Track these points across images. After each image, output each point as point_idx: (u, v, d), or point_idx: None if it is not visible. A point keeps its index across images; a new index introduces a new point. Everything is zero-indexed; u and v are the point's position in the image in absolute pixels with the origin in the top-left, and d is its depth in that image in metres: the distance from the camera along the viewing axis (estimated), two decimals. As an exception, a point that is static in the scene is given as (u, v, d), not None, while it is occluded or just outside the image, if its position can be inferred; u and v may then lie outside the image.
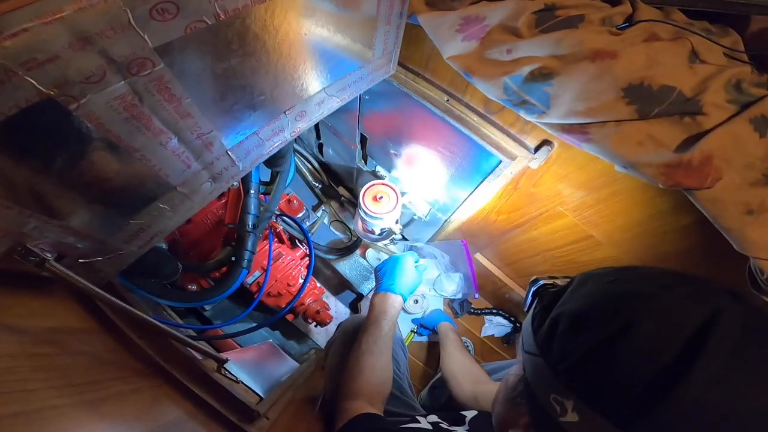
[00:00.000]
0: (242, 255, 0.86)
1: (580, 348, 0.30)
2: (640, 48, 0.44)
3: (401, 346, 0.97)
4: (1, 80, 0.25)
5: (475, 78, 0.52)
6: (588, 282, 0.35)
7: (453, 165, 0.84)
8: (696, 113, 0.44)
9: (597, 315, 0.31)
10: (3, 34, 0.23)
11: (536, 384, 0.34)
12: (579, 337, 0.31)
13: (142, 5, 0.28)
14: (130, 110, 0.34)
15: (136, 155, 0.39)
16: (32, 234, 0.38)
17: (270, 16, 0.39)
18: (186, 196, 0.49)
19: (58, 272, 0.42)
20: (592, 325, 0.31)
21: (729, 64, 0.47)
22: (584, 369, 0.30)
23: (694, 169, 0.44)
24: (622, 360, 0.29)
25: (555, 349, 0.33)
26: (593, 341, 0.30)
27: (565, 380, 0.31)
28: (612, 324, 0.30)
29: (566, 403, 0.31)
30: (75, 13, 0.25)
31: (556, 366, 0.32)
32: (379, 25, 0.54)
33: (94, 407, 0.44)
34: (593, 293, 0.33)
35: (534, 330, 0.37)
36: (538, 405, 0.34)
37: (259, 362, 0.89)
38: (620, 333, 0.29)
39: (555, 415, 0.31)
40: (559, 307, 0.35)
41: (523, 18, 0.46)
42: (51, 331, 0.50)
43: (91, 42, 0.27)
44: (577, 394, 0.30)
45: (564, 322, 0.33)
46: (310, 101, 0.57)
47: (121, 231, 0.47)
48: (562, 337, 0.33)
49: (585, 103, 0.46)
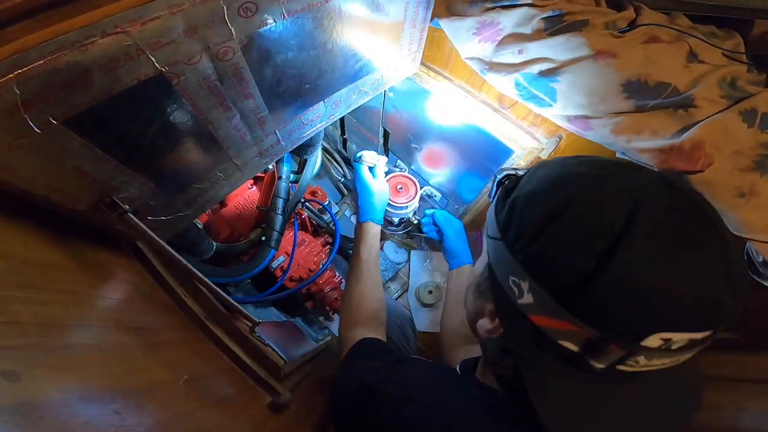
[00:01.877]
0: (271, 235, 0.94)
1: (531, 226, 0.32)
2: (639, 49, 0.50)
3: (411, 325, 1.02)
4: (131, 57, 0.33)
5: (490, 76, 0.59)
6: (543, 167, 0.36)
7: (469, 157, 0.91)
8: (689, 106, 0.49)
9: (544, 193, 0.33)
10: (143, 18, 0.31)
11: (497, 267, 0.36)
12: (531, 215, 0.33)
13: (235, 3, 0.36)
14: (211, 89, 0.42)
15: (208, 127, 0.47)
16: (119, 187, 0.46)
17: (321, 18, 0.47)
18: (238, 167, 0.57)
19: (133, 224, 0.49)
20: (540, 202, 0.33)
21: (727, 64, 0.51)
22: (533, 247, 0.32)
23: (685, 153, 0.48)
24: (561, 236, 0.30)
25: (512, 230, 0.34)
26: (540, 217, 0.32)
27: (521, 259, 0.32)
28: (555, 201, 0.32)
29: (522, 284, 0.32)
30: (191, 7, 0.33)
31: (513, 247, 0.33)
32: (405, 28, 0.62)
33: (151, 348, 0.52)
34: (545, 176, 0.35)
35: (496, 215, 0.38)
36: (500, 289, 0.35)
37: (282, 335, 0.96)
38: (561, 209, 0.31)
39: (514, 297, 0.33)
40: (518, 190, 0.36)
41: (534, 23, 0.53)
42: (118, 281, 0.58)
43: (197, 31, 0.36)
44: (530, 274, 0.32)
45: (520, 203, 0.35)
46: (344, 93, 0.65)
47: (184, 193, 0.55)
48: (518, 217, 0.34)
49: (588, 98, 0.53)
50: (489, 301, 0.40)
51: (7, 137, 0.31)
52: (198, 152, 0.50)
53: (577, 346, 0.30)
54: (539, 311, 0.31)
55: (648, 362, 0.30)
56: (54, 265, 0.46)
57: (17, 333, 0.35)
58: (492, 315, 0.40)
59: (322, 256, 1.18)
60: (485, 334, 0.40)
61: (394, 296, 1.31)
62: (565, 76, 0.53)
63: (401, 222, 1.15)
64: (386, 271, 1.33)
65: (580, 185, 0.32)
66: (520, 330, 0.34)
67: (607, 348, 0.29)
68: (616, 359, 0.30)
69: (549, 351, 0.32)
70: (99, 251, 0.57)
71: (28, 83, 0.28)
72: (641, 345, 0.29)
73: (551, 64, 0.53)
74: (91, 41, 0.29)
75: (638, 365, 0.30)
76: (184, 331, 0.63)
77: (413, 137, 0.99)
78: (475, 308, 0.44)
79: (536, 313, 0.32)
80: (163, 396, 0.45)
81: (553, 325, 0.31)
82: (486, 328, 0.40)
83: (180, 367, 0.53)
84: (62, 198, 0.43)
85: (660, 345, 0.28)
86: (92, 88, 0.32)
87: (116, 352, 0.46)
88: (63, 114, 0.33)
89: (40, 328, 0.38)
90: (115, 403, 0.39)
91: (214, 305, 0.66)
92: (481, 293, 0.42)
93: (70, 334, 0.42)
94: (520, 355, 0.35)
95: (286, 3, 0.40)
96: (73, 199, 0.44)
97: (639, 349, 0.29)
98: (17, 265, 0.40)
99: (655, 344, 0.28)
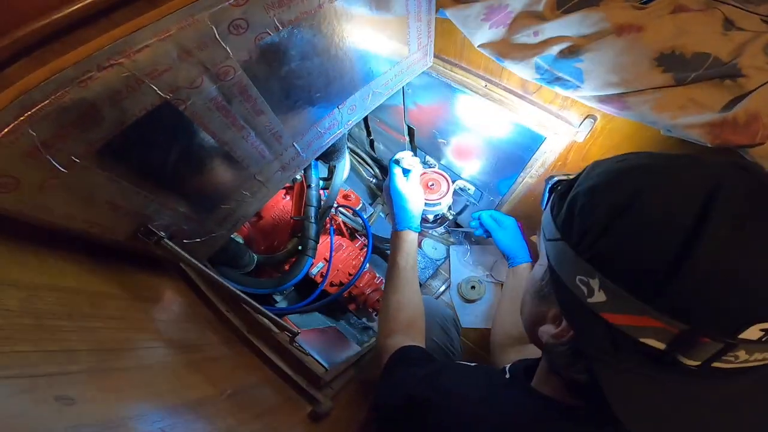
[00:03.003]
0: (307, 244, 0.96)
1: (597, 221, 0.31)
2: (667, 20, 0.45)
3: (454, 324, 1.00)
4: (133, 88, 0.35)
5: (507, 62, 0.56)
6: (599, 165, 0.36)
7: (499, 147, 0.87)
8: (736, 76, 0.44)
9: (609, 187, 0.32)
10: (133, 48, 0.32)
11: (561, 269, 0.35)
12: (595, 211, 0.32)
13: (222, 22, 0.36)
14: (221, 110, 0.43)
15: (225, 148, 0.48)
16: (152, 216, 0.49)
17: (318, 24, 0.47)
18: (262, 183, 0.58)
19: (170, 249, 0.52)
20: (605, 197, 0.31)
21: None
22: (602, 243, 0.31)
23: (741, 127, 0.43)
24: (634, 228, 0.29)
25: (575, 228, 0.33)
26: (606, 212, 0.31)
27: (588, 258, 0.31)
28: (622, 193, 0.30)
29: (592, 282, 0.31)
30: (179, 31, 0.34)
31: (577, 246, 0.32)
32: (410, 22, 0.60)
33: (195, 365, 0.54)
34: (604, 171, 0.34)
35: (553, 217, 0.37)
36: (565, 290, 0.34)
37: (324, 342, 0.97)
38: (630, 202, 0.29)
39: (583, 297, 0.32)
40: (575, 188, 0.35)
41: (545, 1, 0.49)
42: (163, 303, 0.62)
43: (192, 54, 0.36)
44: (600, 271, 0.30)
45: (580, 200, 0.34)
46: (358, 96, 0.64)
47: (214, 214, 0.57)
48: (579, 214, 0.33)
49: (619, 75, 0.48)
50: (552, 305, 0.38)
51: (37, 179, 0.34)
52: (220, 173, 0.52)
53: (663, 343, 0.28)
54: (614, 309, 0.30)
55: (749, 357, 0.27)
56: (102, 293, 0.50)
57: (70, 360, 0.38)
58: (556, 319, 0.38)
59: (360, 259, 1.18)
60: (551, 339, 0.38)
61: (437, 293, 1.28)
62: (588, 55, 0.49)
63: (436, 219, 1.13)
64: (426, 269, 1.31)
65: (648, 175, 0.31)
66: (593, 331, 0.32)
67: (700, 343, 0.27)
68: (712, 354, 0.28)
69: (628, 350, 0.30)
70: (144, 276, 0.61)
71: (40, 124, 0.30)
72: (740, 338, 0.26)
73: (571, 43, 0.49)
74: (89, 76, 0.31)
75: (737, 361, 0.28)
76: (226, 345, 0.65)
77: (438, 132, 0.96)
78: (536, 314, 0.42)
79: (611, 311, 0.30)
80: (207, 411, 0.47)
81: (633, 322, 0.29)
82: (551, 333, 0.38)
83: (223, 381, 0.55)
84: (101, 231, 0.46)
85: (761, 336, 0.26)
86: (104, 122, 0.34)
87: (163, 372, 0.49)
88: (84, 151, 0.35)
89: (91, 353, 0.41)
90: (162, 421, 0.40)
91: (254, 318, 0.68)
92: (542, 298, 0.40)
93: (119, 358, 0.44)
94: (594, 357, 0.33)
95: (278, 14, 0.40)
96: (112, 231, 0.47)
97: (738, 342, 0.27)
98: (67, 296, 0.43)
99: (756, 336, 0.26)
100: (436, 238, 1.33)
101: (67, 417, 0.32)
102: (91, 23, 0.33)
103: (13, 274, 0.38)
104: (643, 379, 0.31)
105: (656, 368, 0.30)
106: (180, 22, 0.34)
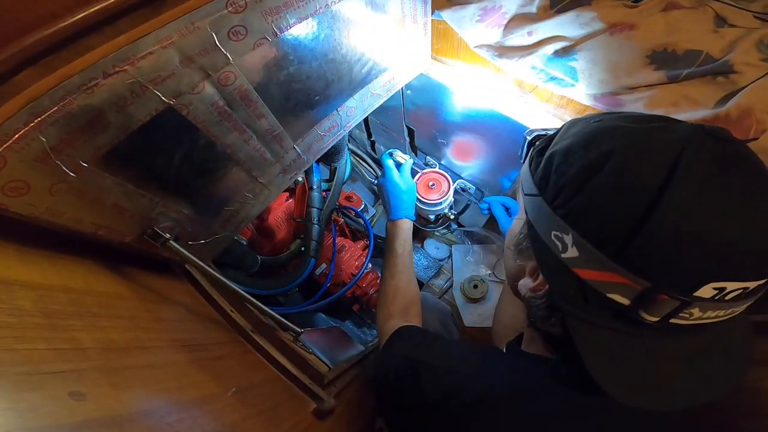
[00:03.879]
0: (309, 245, 0.97)
1: (572, 179, 0.32)
2: (658, 17, 0.46)
3: (453, 320, 1.01)
4: (138, 94, 0.36)
5: (502, 62, 0.57)
6: (576, 123, 0.36)
7: (498, 146, 0.87)
8: (728, 72, 0.44)
9: (584, 147, 0.33)
10: (137, 55, 0.33)
11: (538, 223, 0.36)
12: (570, 169, 0.33)
13: (222, 29, 0.38)
14: (222, 114, 0.45)
15: (228, 151, 0.49)
16: (158, 218, 0.50)
17: (315, 28, 0.48)
18: (264, 185, 0.60)
19: (176, 250, 0.53)
20: (581, 157, 0.32)
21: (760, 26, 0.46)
22: (576, 200, 0.32)
23: (733, 122, 0.44)
24: (604, 188, 0.30)
25: (551, 185, 0.34)
26: (580, 171, 0.32)
27: (562, 214, 0.33)
28: (595, 153, 0.31)
29: (565, 238, 0.32)
30: (180, 38, 0.35)
31: (553, 202, 0.34)
32: (406, 24, 0.61)
33: (202, 363, 0.55)
34: (581, 131, 0.34)
35: (531, 172, 0.38)
36: (542, 245, 0.35)
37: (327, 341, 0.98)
38: (602, 161, 0.31)
39: (557, 252, 0.33)
40: (552, 146, 0.36)
41: (538, 2, 0.50)
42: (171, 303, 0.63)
43: (194, 61, 0.38)
44: (573, 227, 0.32)
45: (557, 159, 0.34)
46: (357, 98, 0.65)
47: (217, 216, 0.58)
48: (556, 172, 0.34)
49: (612, 73, 0.49)
50: (530, 259, 0.39)
51: (47, 183, 0.35)
52: (223, 176, 0.53)
53: (628, 298, 0.30)
54: (585, 264, 0.31)
55: (702, 314, 0.29)
56: (111, 294, 0.51)
57: (81, 357, 0.39)
58: (534, 272, 0.39)
59: (362, 259, 1.19)
60: (529, 293, 0.40)
61: (440, 292, 1.29)
62: (582, 54, 0.50)
63: (438, 218, 1.14)
64: (429, 269, 1.31)
65: (620, 138, 0.31)
66: (566, 285, 0.33)
67: (659, 299, 0.29)
68: (669, 311, 0.29)
69: (597, 305, 0.32)
70: (151, 277, 0.62)
71: (50, 130, 0.32)
72: (694, 296, 0.28)
73: (565, 42, 0.50)
74: (95, 83, 0.32)
75: (692, 317, 0.30)
76: (232, 344, 0.66)
77: (438, 132, 0.97)
78: (515, 268, 0.43)
79: (582, 267, 0.31)
80: (212, 408, 0.48)
81: (601, 278, 0.30)
82: (529, 286, 0.40)
83: (229, 379, 0.56)
84: (109, 233, 0.47)
85: (714, 295, 0.28)
86: (110, 128, 0.35)
87: (171, 369, 0.50)
88: (91, 156, 0.36)
89: (101, 351, 0.42)
90: (170, 416, 0.42)
91: (258, 318, 0.69)
92: (520, 252, 0.42)
93: (128, 356, 0.46)
94: (567, 311, 0.34)
95: (276, 21, 0.41)
96: (119, 233, 0.48)
97: (692, 299, 0.28)
98: (77, 296, 0.45)
99: (709, 294, 0.28)
100: (439, 237, 1.34)
101: (79, 412, 0.33)
102: (96, 31, 0.34)
103: (25, 275, 0.40)
104: (610, 333, 0.33)
105: (621, 323, 0.32)
106: (182, 29, 0.36)
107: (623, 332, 0.32)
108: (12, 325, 0.34)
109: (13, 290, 0.37)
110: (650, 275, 0.29)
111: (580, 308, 0.33)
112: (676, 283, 0.28)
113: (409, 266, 0.78)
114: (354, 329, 1.37)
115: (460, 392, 0.41)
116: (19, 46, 0.30)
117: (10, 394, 0.29)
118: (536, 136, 0.42)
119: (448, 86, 0.77)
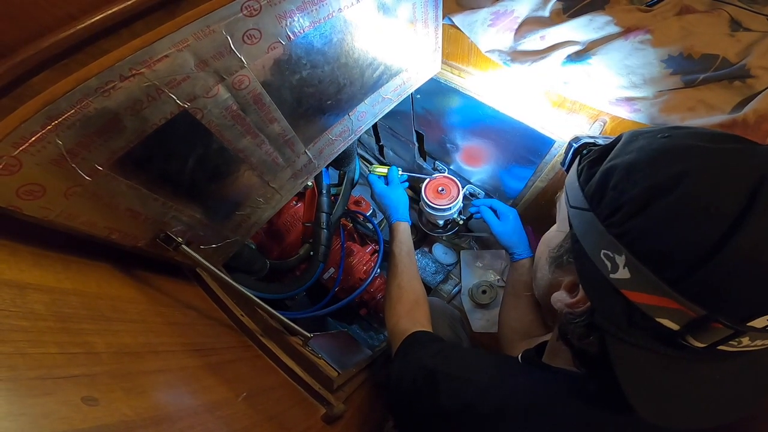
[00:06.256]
0: (318, 249, 0.97)
1: (633, 199, 0.30)
2: (673, 21, 0.46)
3: (462, 325, 1.00)
4: (153, 97, 0.36)
5: (514, 66, 0.56)
6: (639, 137, 0.34)
7: (509, 151, 0.87)
8: (745, 77, 0.44)
9: (651, 166, 0.30)
10: (153, 58, 0.33)
11: (585, 239, 0.34)
12: (633, 188, 0.30)
13: (237, 32, 0.38)
14: (235, 118, 0.44)
15: (240, 155, 0.49)
16: (170, 222, 0.50)
17: (328, 32, 0.48)
18: (275, 190, 0.60)
19: (188, 254, 0.53)
20: (646, 175, 0.30)
21: None
22: (635, 222, 0.30)
23: (750, 127, 0.43)
24: (672, 213, 0.28)
25: (606, 202, 0.32)
26: (645, 190, 0.30)
27: (617, 233, 0.31)
28: (666, 175, 0.29)
29: (617, 258, 0.30)
30: (196, 42, 0.35)
31: (607, 219, 0.32)
32: (418, 29, 0.60)
33: (213, 367, 0.55)
34: (646, 146, 0.32)
35: (581, 185, 0.36)
36: (587, 262, 0.33)
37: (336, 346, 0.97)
38: (672, 182, 0.28)
39: (606, 271, 0.31)
40: (610, 160, 0.34)
41: (551, 4, 0.49)
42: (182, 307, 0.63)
43: (209, 64, 0.38)
44: (627, 248, 0.30)
45: (617, 174, 0.32)
46: (368, 103, 0.65)
47: (229, 221, 0.58)
48: (614, 188, 0.32)
49: (626, 77, 0.48)
50: (569, 274, 0.38)
51: (62, 187, 0.35)
52: (235, 180, 0.53)
53: (678, 324, 0.29)
54: (636, 287, 0.30)
55: (750, 343, 0.29)
56: (123, 297, 0.51)
57: (94, 361, 0.39)
58: (573, 288, 0.38)
59: (371, 264, 1.18)
60: (564, 308, 0.38)
61: (448, 297, 1.28)
62: (596, 58, 0.49)
63: (447, 223, 1.13)
64: (437, 274, 1.31)
65: (693, 159, 0.29)
66: (611, 306, 0.32)
67: (712, 327, 0.28)
68: (719, 339, 0.28)
69: (642, 327, 0.31)
70: (163, 280, 0.62)
71: (66, 133, 0.32)
72: (748, 325, 0.27)
73: (578, 47, 0.50)
74: (112, 86, 0.32)
75: (740, 345, 0.29)
76: (242, 348, 0.66)
77: (448, 137, 0.97)
78: (550, 280, 0.42)
79: (633, 289, 0.30)
80: (223, 413, 0.48)
81: (653, 302, 0.29)
82: (566, 301, 0.38)
83: (239, 383, 0.56)
84: (122, 237, 0.47)
85: (766, 326, 0.27)
86: (125, 131, 0.35)
87: (182, 374, 0.50)
88: (106, 159, 0.36)
89: (114, 356, 0.42)
90: (181, 422, 0.41)
91: (268, 322, 0.69)
92: (558, 265, 0.40)
93: (141, 360, 0.45)
94: (609, 331, 0.33)
95: (290, 24, 0.41)
96: (132, 237, 0.48)
97: (746, 329, 0.27)
98: (90, 300, 0.45)
99: (761, 325, 0.27)
100: (447, 242, 1.33)
101: (92, 417, 0.33)
102: (112, 34, 0.34)
103: (39, 279, 0.40)
104: (649, 354, 0.32)
105: (662, 345, 0.31)
106: (197, 32, 0.36)
107: (663, 354, 0.31)
108: (25, 329, 0.34)
109: (27, 294, 0.37)
110: (708, 304, 0.27)
111: (622, 329, 0.32)
112: (734, 312, 0.27)
113: (409, 265, 0.78)
114: (361, 333, 1.36)
115: (479, 403, 0.40)
116: (36, 49, 0.30)
117: (23, 399, 0.29)
118: (583, 143, 0.40)
119: (458, 90, 0.77)
